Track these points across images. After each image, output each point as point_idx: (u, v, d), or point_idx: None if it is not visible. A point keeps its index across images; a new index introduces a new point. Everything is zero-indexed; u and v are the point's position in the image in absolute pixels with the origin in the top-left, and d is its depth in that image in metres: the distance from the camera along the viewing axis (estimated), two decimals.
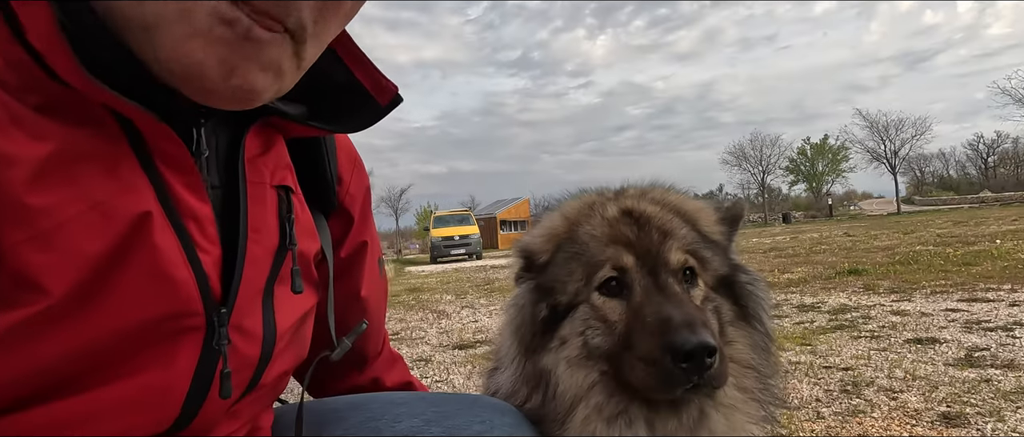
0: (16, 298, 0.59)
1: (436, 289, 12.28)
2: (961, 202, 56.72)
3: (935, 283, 7.00)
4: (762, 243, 18.50)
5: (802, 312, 5.97)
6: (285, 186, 0.86)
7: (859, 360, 3.99)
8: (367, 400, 1.08)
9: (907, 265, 8.94)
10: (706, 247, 1.01)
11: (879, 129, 61.49)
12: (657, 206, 1.04)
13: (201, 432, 0.78)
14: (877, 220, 35.19)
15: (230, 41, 0.61)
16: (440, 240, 30.18)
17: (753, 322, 1.00)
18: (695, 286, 0.97)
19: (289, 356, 0.89)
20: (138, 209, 0.65)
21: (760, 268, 10.54)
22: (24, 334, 0.60)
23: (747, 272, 1.04)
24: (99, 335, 0.64)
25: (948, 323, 4.88)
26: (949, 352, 4.01)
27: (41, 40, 0.57)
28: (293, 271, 0.86)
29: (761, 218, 64.97)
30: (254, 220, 0.78)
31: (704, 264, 0.99)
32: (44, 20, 0.56)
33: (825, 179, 70.01)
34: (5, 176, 0.57)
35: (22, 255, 0.58)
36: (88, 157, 0.62)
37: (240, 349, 0.76)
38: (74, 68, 0.57)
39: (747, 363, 0.98)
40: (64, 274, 0.60)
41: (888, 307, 5.83)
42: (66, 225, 0.60)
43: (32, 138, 0.59)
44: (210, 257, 0.72)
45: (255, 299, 0.79)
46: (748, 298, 1.00)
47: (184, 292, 0.68)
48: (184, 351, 0.70)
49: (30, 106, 0.60)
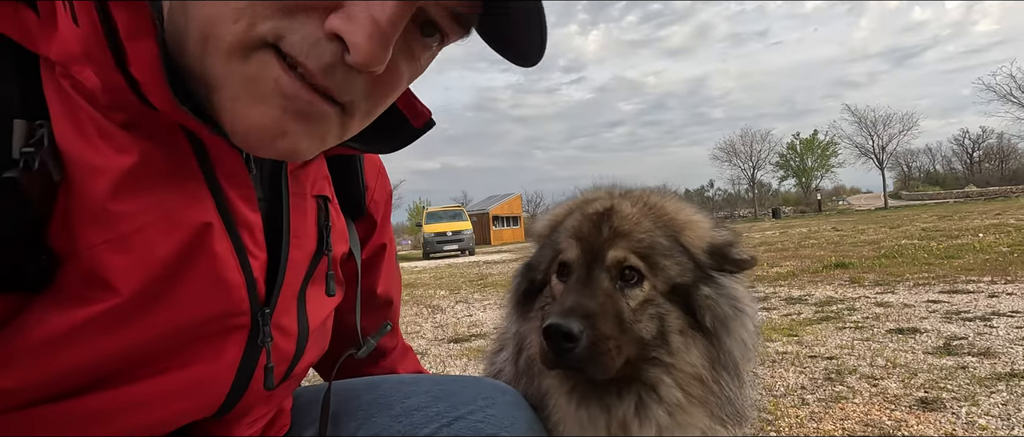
0: (86, 296, 0.65)
1: (429, 285, 12.34)
2: (946, 197, 57.49)
3: (918, 276, 7.18)
4: (752, 238, 18.72)
5: (790, 304, 6.11)
6: (324, 196, 0.93)
7: (843, 349, 4.13)
8: (379, 381, 1.16)
9: (892, 258, 9.13)
10: (668, 255, 1.01)
11: (867, 124, 62.18)
12: (640, 208, 1.06)
13: (240, 416, 0.86)
14: (864, 215, 35.62)
15: (287, 111, 0.65)
16: (433, 236, 30.16)
17: (710, 337, 0.98)
18: (637, 287, 0.98)
19: (316, 350, 0.96)
20: (202, 219, 0.71)
21: None
22: (90, 329, 0.65)
23: (720, 288, 1.00)
24: (158, 331, 0.70)
25: (929, 314, 5.03)
26: (929, 341, 4.15)
27: (144, 73, 0.62)
28: (328, 275, 0.93)
29: (751, 213, 65.42)
30: (296, 228, 0.85)
31: (655, 269, 0.99)
32: (150, 56, 0.61)
33: (814, 174, 70.70)
34: (92, 184, 0.64)
35: (99, 256, 0.64)
36: (162, 170, 0.68)
37: (279, 345, 0.83)
38: (168, 98, 0.63)
39: (694, 374, 0.98)
40: (135, 275, 0.66)
41: (872, 299, 5.99)
42: (142, 231, 0.66)
43: (117, 151, 0.65)
44: (258, 262, 0.78)
45: (292, 299, 0.86)
46: (704, 312, 0.98)
47: (236, 294, 0.75)
48: (230, 346, 0.77)
49: (116, 123, 0.66)
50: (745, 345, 1.01)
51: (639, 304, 0.98)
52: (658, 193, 1.16)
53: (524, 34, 0.71)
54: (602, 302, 0.95)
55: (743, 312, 1.01)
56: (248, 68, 0.62)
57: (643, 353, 0.99)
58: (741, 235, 1.10)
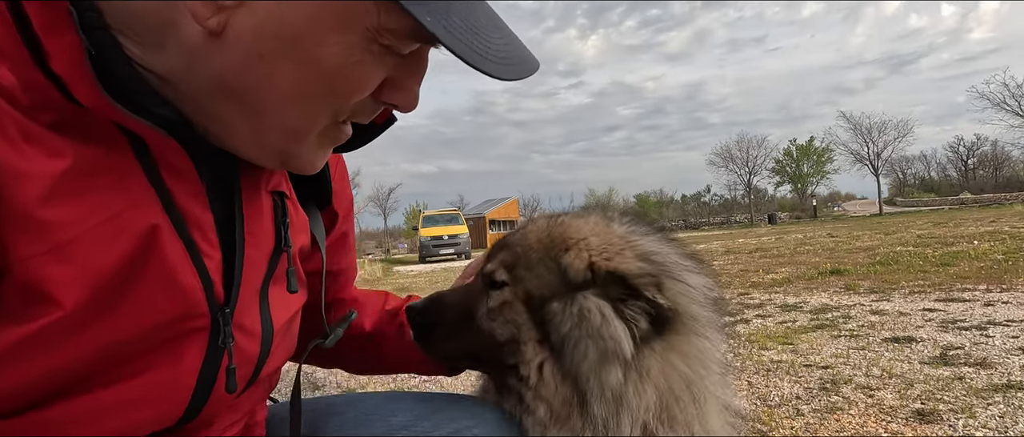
0: (25, 312, 0.61)
1: (425, 289, 12.28)
2: (941, 203, 57.79)
3: (913, 283, 7.16)
4: (748, 243, 18.73)
5: (785, 312, 6.08)
6: (280, 192, 0.90)
7: (838, 358, 4.09)
8: (363, 398, 1.12)
9: (887, 266, 9.12)
10: (530, 268, 1.02)
11: (862, 131, 62.47)
12: (542, 228, 1.08)
13: (205, 425, 0.82)
14: (860, 221, 35.74)
15: (326, 146, 0.79)
16: (429, 240, 30.15)
17: (557, 349, 0.95)
18: (497, 290, 1.04)
19: (282, 351, 0.93)
20: (148, 222, 0.67)
21: (745, 268, 10.70)
22: (34, 346, 0.62)
23: (571, 304, 0.94)
24: (110, 341, 0.66)
25: (925, 322, 5.00)
26: (925, 351, 4.12)
27: (65, 68, 0.59)
28: (288, 272, 0.90)
29: (747, 218, 65.65)
30: (251, 225, 0.82)
31: (516, 278, 1.03)
32: (70, 50, 0.58)
33: (810, 180, 70.97)
34: (19, 191, 0.59)
35: (36, 268, 0.60)
36: (100, 171, 0.65)
37: (242, 346, 0.80)
38: (95, 93, 0.60)
39: (546, 387, 0.95)
40: (77, 286, 0.62)
41: (868, 307, 5.96)
42: (81, 238, 0.62)
43: (47, 155, 0.61)
44: (213, 262, 0.75)
45: (253, 298, 0.83)
46: (550, 326, 0.96)
47: (192, 296, 0.72)
48: (191, 350, 0.74)
49: (43, 124, 0.61)
50: (592, 367, 0.91)
51: (496, 306, 1.03)
52: (586, 215, 1.13)
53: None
54: (459, 296, 1.10)
55: (586, 336, 0.92)
56: (320, 138, 0.76)
57: (498, 355, 1.02)
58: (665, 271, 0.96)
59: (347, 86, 0.70)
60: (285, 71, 0.66)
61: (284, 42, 0.64)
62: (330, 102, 0.71)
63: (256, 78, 0.66)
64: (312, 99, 0.69)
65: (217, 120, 0.71)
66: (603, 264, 0.97)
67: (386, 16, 0.64)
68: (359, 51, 0.67)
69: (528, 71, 0.74)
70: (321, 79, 0.67)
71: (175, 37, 0.65)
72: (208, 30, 0.63)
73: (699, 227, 64.04)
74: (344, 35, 0.65)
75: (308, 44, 0.65)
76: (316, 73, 0.67)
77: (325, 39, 0.65)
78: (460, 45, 0.64)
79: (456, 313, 1.07)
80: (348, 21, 0.65)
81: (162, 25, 0.65)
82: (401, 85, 0.74)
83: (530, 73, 0.74)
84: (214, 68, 0.66)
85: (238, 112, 0.70)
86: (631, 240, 1.04)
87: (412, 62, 0.73)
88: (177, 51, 0.66)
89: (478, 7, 0.72)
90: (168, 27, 0.65)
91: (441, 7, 0.64)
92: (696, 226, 66.97)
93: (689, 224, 70.63)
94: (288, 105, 0.69)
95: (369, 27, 0.65)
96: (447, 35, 0.64)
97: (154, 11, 0.64)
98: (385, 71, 0.71)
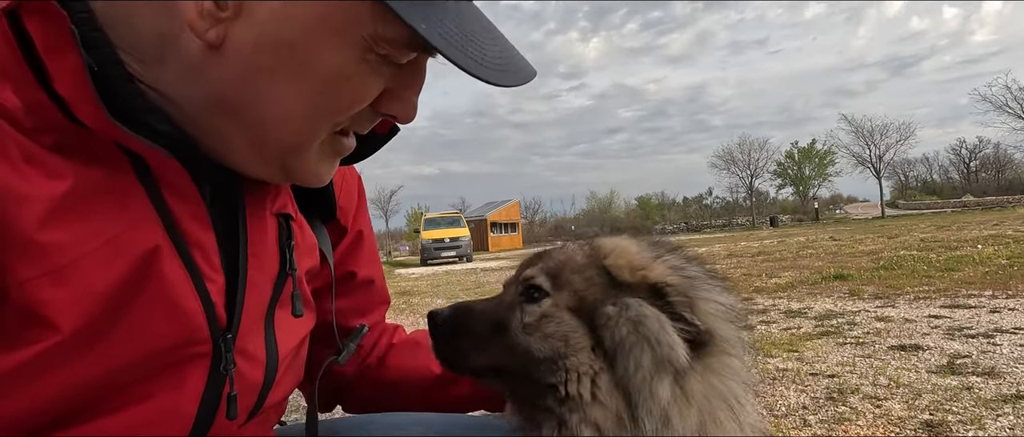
0: (22, 336, 0.60)
1: (426, 292, 12.26)
2: (944, 206, 57.67)
3: (918, 289, 7.12)
4: (750, 247, 18.69)
5: (789, 318, 6.05)
6: (285, 214, 0.88)
7: (844, 367, 4.06)
8: (368, 421, 1.10)
9: (891, 270, 9.08)
10: (579, 270, 0.97)
11: (864, 134, 62.37)
12: (588, 244, 1.04)
13: None
14: (862, 224, 35.68)
15: (329, 158, 0.78)
16: (430, 242, 30.11)
17: (611, 359, 0.91)
18: (535, 303, 0.95)
19: (289, 379, 0.91)
20: (148, 244, 0.66)
21: (748, 272, 10.67)
22: (32, 371, 0.61)
23: (625, 308, 0.91)
24: (110, 366, 0.65)
25: (931, 329, 4.97)
26: (932, 359, 4.08)
27: (68, 89, 0.58)
28: (294, 295, 0.88)
29: (749, 221, 65.62)
30: (254, 247, 0.80)
31: (561, 283, 0.95)
32: (74, 71, 0.58)
33: (812, 183, 70.88)
34: (19, 214, 0.58)
35: (34, 291, 0.59)
36: (100, 192, 0.64)
37: (245, 372, 0.79)
38: (98, 114, 0.59)
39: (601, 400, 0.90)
40: (74, 310, 0.61)
41: (873, 313, 5.93)
42: (80, 261, 0.62)
43: (48, 176, 0.60)
44: (215, 285, 0.74)
45: (257, 323, 0.82)
46: (604, 331, 0.90)
47: (194, 321, 0.71)
48: (192, 376, 0.73)
49: (44, 146, 0.61)
50: (645, 376, 0.88)
51: (534, 320, 0.94)
52: (616, 235, 1.11)
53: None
54: (490, 306, 0.99)
55: (644, 340, 0.89)
56: (322, 150, 0.75)
57: (534, 373, 0.92)
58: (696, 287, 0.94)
59: (345, 96, 0.69)
60: (283, 83, 0.66)
61: (282, 54, 0.64)
62: (328, 113, 0.70)
63: (255, 91, 0.66)
64: (310, 110, 0.69)
65: (217, 135, 0.70)
66: (645, 275, 0.95)
67: (382, 25, 0.64)
68: (356, 61, 0.67)
69: (524, 78, 0.74)
70: (319, 90, 0.67)
71: (175, 52, 0.65)
72: (207, 43, 0.63)
73: (701, 230, 64.00)
74: (341, 45, 0.65)
75: (305, 55, 0.65)
76: (314, 84, 0.67)
77: (322, 49, 0.65)
78: (456, 52, 0.64)
79: (486, 324, 0.97)
80: (344, 31, 0.64)
81: (163, 41, 0.64)
82: (399, 95, 0.74)
83: (526, 80, 0.74)
84: (214, 82, 0.65)
85: (238, 126, 0.69)
86: (661, 255, 1.01)
87: (410, 72, 0.73)
88: (177, 66, 0.65)
89: (472, 15, 0.72)
90: (169, 42, 0.64)
91: (436, 15, 0.64)
92: (698, 229, 66.94)
93: (691, 227, 70.61)
94: (287, 117, 0.69)
95: (365, 36, 0.65)
96: (442, 42, 0.63)
97: (155, 27, 0.64)
98: (383, 81, 0.71)
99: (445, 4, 0.66)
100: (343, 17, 0.63)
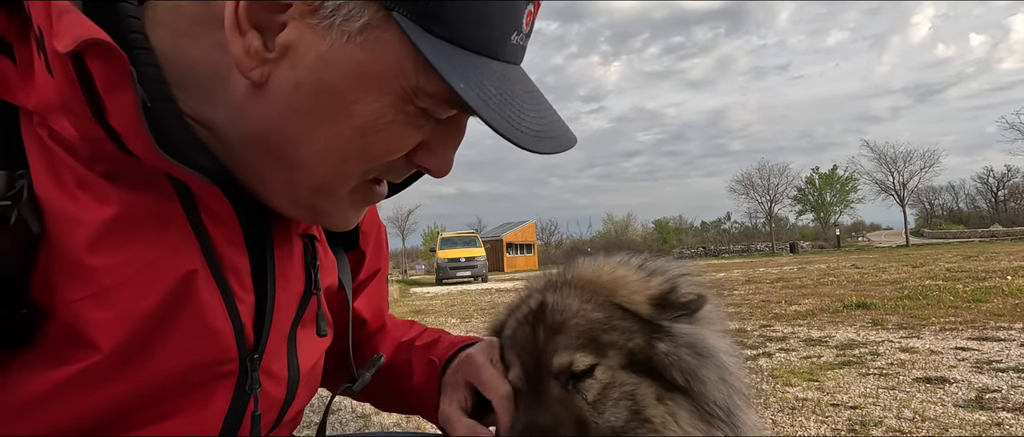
0: (66, 355, 0.63)
1: (441, 312, 12.25)
2: (971, 235, 56.19)
3: (944, 320, 6.92)
4: (769, 273, 18.38)
5: (809, 346, 5.91)
6: (310, 235, 0.90)
7: (867, 398, 3.95)
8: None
9: (916, 300, 8.85)
10: (609, 326, 0.93)
11: (887, 160, 61.34)
12: (570, 290, 0.99)
13: None
14: (885, 252, 34.90)
15: (359, 205, 0.79)
16: (446, 262, 30.12)
17: (688, 393, 0.90)
18: (589, 378, 0.90)
19: (306, 393, 0.93)
20: (186, 267, 0.69)
21: (767, 298, 10.47)
22: (72, 388, 0.63)
23: (676, 339, 0.91)
24: (141, 385, 0.67)
25: (958, 362, 4.82)
26: (959, 393, 3.95)
27: (122, 124, 0.61)
28: (318, 315, 0.90)
29: (768, 247, 64.60)
30: (282, 268, 0.82)
31: (603, 349, 0.91)
32: (128, 107, 0.60)
33: (833, 209, 69.73)
34: (70, 237, 0.62)
35: (79, 312, 0.62)
36: (145, 217, 0.67)
37: (268, 391, 0.80)
38: (148, 146, 0.62)
39: (682, 430, 0.89)
40: (116, 330, 0.64)
41: (896, 343, 5.77)
42: (123, 284, 0.64)
43: (97, 202, 0.64)
44: (246, 306, 0.76)
45: (282, 342, 0.83)
46: (672, 369, 0.89)
47: (223, 341, 0.72)
48: (218, 395, 0.74)
49: (98, 173, 0.64)
50: (726, 384, 0.91)
51: (598, 395, 0.90)
52: (587, 264, 1.06)
53: None
54: (556, 413, 0.89)
55: (709, 355, 0.91)
56: (352, 196, 0.76)
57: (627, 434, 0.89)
58: (683, 272, 1.01)
59: (380, 146, 0.70)
60: (321, 126, 0.67)
61: (321, 97, 0.65)
62: (362, 159, 0.71)
63: (292, 132, 0.67)
64: (344, 157, 0.70)
65: (253, 172, 0.72)
66: (650, 290, 0.94)
67: (424, 79, 0.65)
68: (394, 111, 0.67)
69: (562, 147, 0.73)
70: (355, 136, 0.68)
71: (223, 90, 0.67)
72: (252, 82, 0.65)
73: (719, 254, 63.12)
74: (381, 94, 0.66)
75: (345, 101, 0.65)
76: (350, 129, 0.67)
77: (361, 97, 0.65)
78: (492, 114, 0.64)
79: (572, 430, 0.89)
80: (386, 81, 0.65)
81: (215, 79, 0.67)
82: (435, 150, 0.74)
83: (564, 149, 0.73)
84: (255, 120, 0.67)
85: (273, 165, 0.71)
86: (619, 265, 1.02)
87: (449, 128, 0.74)
88: (223, 104, 0.68)
89: (517, 78, 0.71)
90: (219, 80, 0.67)
91: (477, 75, 0.65)
92: (716, 253, 66.02)
93: (709, 251, 69.68)
94: (320, 161, 0.70)
95: (406, 88, 0.66)
96: (479, 103, 0.64)
97: (210, 65, 0.67)
98: (421, 134, 0.71)
99: (490, 64, 0.67)
100: (385, 67, 0.64)
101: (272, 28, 0.63)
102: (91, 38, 0.57)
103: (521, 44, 0.71)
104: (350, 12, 0.61)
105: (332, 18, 0.61)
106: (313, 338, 0.90)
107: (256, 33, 0.62)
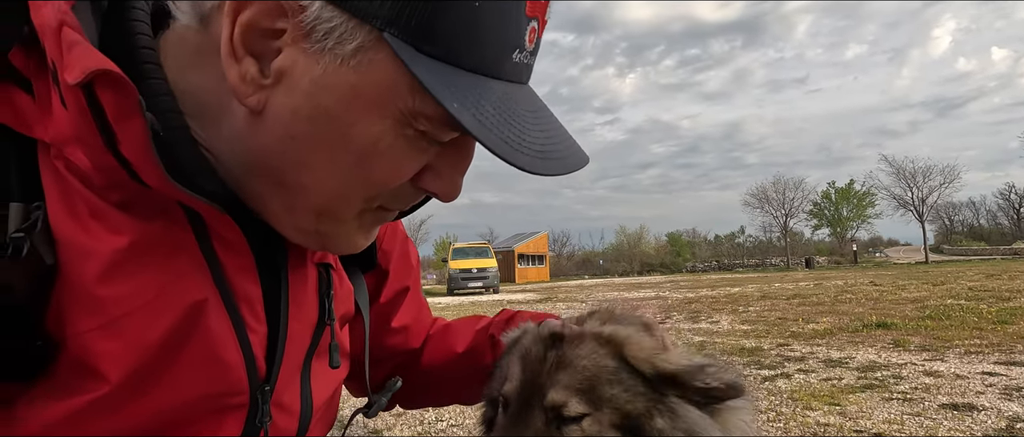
0: (73, 385, 0.62)
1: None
2: (993, 253, 55.06)
3: (969, 342, 6.73)
4: (785, 288, 18.11)
5: (829, 368, 5.77)
6: (325, 264, 0.88)
7: (892, 425, 3.83)
8: None
9: (938, 320, 8.63)
10: (614, 378, 0.89)
11: (906, 176, 60.48)
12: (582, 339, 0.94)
13: None
14: (904, 269, 34.27)
15: (367, 229, 0.77)
16: (458, 272, 30.17)
17: None
18: (573, 425, 0.86)
19: (321, 428, 0.90)
20: (196, 296, 0.68)
21: (784, 315, 10.30)
22: (77, 420, 0.62)
23: (676, 420, 0.86)
24: (150, 417, 0.66)
25: (985, 388, 4.67)
26: (988, 421, 3.82)
27: (134, 154, 0.61)
28: (331, 346, 0.88)
29: (783, 261, 63.86)
30: (295, 297, 0.81)
31: (600, 403, 0.87)
32: (139, 136, 0.60)
33: (850, 224, 68.79)
34: (81, 268, 0.61)
35: (89, 343, 0.62)
36: (156, 246, 0.66)
37: (279, 424, 0.78)
38: (161, 176, 0.62)
39: None
40: (124, 362, 0.63)
41: (920, 367, 5.62)
42: (133, 314, 0.64)
43: (110, 232, 0.63)
44: (257, 336, 0.74)
45: (294, 374, 0.82)
46: None
47: (234, 374, 0.71)
48: (227, 427, 0.72)
49: (112, 202, 0.64)
50: None
51: None
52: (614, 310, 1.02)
53: None
54: None
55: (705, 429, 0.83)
56: (359, 220, 0.74)
57: None
58: (713, 358, 0.93)
59: (382, 170, 0.68)
60: (319, 152, 0.66)
61: (318, 123, 0.64)
62: (363, 185, 0.69)
63: (292, 158, 0.67)
64: (344, 181, 0.68)
65: (257, 198, 0.72)
66: (665, 365, 0.87)
67: (420, 101, 0.63)
68: (392, 135, 0.65)
69: (569, 168, 0.70)
70: (355, 162, 0.67)
71: (227, 117, 0.67)
72: (249, 109, 0.64)
73: (733, 269, 62.50)
74: (378, 118, 0.64)
75: (341, 125, 0.64)
76: (349, 155, 0.66)
77: (358, 121, 0.64)
78: (489, 135, 0.62)
79: None
80: (382, 104, 0.64)
81: (219, 108, 0.67)
82: (441, 173, 0.72)
83: (571, 170, 0.70)
84: (255, 147, 0.67)
85: (275, 191, 0.70)
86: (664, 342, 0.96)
87: (454, 151, 0.71)
88: (227, 131, 0.68)
89: (521, 97, 0.69)
90: (223, 109, 0.67)
91: (474, 95, 0.62)
92: (730, 267, 65.39)
93: (722, 265, 69.08)
94: (322, 187, 0.69)
95: (404, 110, 0.64)
96: (475, 123, 0.61)
97: (215, 95, 0.67)
98: (424, 158, 0.69)
99: (489, 84, 0.64)
100: (380, 90, 0.63)
101: (268, 54, 0.62)
102: (99, 69, 0.57)
103: (525, 62, 0.68)
104: (342, 35, 0.60)
105: (325, 42, 0.60)
106: (327, 370, 0.87)
107: (252, 60, 0.62)
